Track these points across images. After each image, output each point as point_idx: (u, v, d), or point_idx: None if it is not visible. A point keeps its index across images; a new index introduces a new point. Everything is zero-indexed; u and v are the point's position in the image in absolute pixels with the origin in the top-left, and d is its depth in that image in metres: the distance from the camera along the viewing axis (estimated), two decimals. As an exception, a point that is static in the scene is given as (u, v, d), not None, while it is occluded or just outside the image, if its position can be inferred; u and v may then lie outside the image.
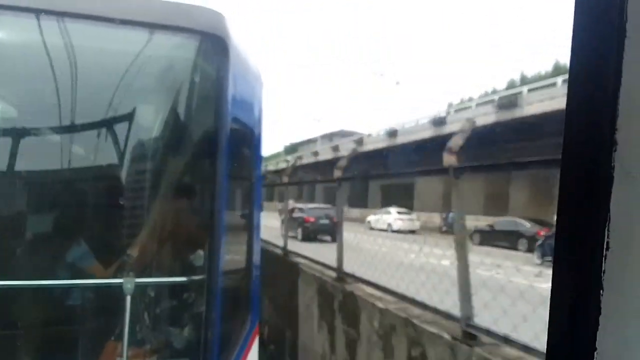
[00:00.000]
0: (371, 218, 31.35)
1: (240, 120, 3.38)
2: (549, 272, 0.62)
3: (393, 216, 29.96)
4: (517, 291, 4.37)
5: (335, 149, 44.65)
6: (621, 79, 0.56)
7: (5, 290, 2.97)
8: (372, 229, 28.79)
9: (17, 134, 3.18)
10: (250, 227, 3.98)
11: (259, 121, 3.99)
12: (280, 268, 9.94)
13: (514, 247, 20.70)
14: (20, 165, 3.54)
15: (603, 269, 0.57)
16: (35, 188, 3.48)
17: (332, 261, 7.28)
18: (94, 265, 3.22)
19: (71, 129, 3.29)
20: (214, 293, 3.00)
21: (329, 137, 63.35)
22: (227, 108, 3.03)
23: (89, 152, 3.48)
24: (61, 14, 2.80)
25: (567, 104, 0.61)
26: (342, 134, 59.41)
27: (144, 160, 3.39)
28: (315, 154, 48.88)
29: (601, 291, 0.57)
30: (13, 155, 3.44)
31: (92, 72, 3.00)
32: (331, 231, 20.46)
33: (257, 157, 4.01)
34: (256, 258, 4.16)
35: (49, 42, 2.95)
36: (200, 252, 3.17)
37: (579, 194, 0.60)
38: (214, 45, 2.95)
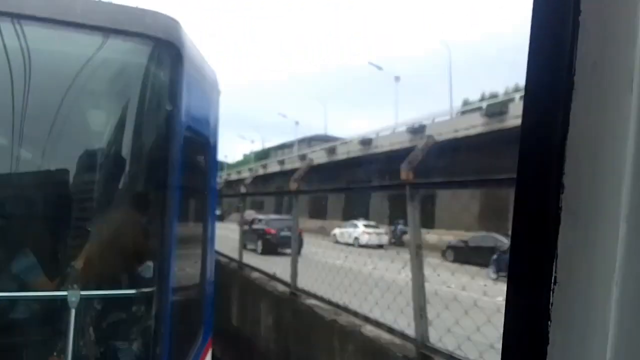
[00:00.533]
0: (337, 231, 29.75)
1: (195, 129, 3.33)
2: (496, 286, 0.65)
3: (360, 229, 28.23)
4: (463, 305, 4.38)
5: (331, 151, 42.58)
6: (568, 128, 0.62)
7: None
8: (337, 242, 26.83)
9: None
10: (203, 238, 3.91)
11: (214, 130, 3.95)
12: (235, 284, 9.73)
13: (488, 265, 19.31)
14: None
15: (551, 301, 0.63)
16: None
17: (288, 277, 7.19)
18: (41, 278, 3.08)
19: (19, 134, 3.17)
20: (164, 306, 2.92)
21: (308, 141, 59.30)
22: (181, 116, 2.99)
23: (37, 158, 3.35)
24: (13, 16, 2.70)
25: (520, 150, 0.68)
26: (323, 139, 54.65)
27: (93, 168, 3.28)
28: (303, 157, 45.78)
29: (549, 322, 0.63)
30: None
31: (43, 76, 2.90)
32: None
33: (211, 167, 3.96)
34: (210, 270, 4.08)
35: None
36: (150, 264, 3.09)
37: (530, 232, 0.66)
38: (167, 51, 2.92)
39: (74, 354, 2.68)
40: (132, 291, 3.06)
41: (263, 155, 71.60)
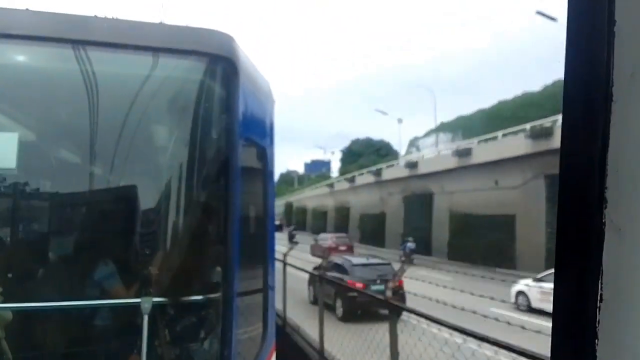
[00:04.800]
0: (526, 287, 15.73)
1: (252, 140, 3.46)
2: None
3: None
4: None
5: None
6: (609, 141, 0.61)
7: (29, 311, 3.08)
8: (531, 310, 14.46)
9: (39, 158, 3.29)
10: (264, 246, 4.03)
11: (270, 140, 4.06)
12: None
13: None
14: (45, 188, 3.69)
15: (597, 319, 0.61)
16: (58, 210, 3.61)
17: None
18: (118, 286, 3.30)
19: (89, 152, 3.41)
20: (229, 310, 3.04)
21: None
22: (238, 127, 3.11)
23: (106, 174, 3.59)
24: (75, 42, 2.92)
25: (561, 164, 0.66)
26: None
27: (159, 182, 3.48)
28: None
29: (596, 341, 0.61)
30: (36, 179, 3.57)
31: (105, 96, 3.11)
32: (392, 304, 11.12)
33: (269, 174, 4.07)
34: (271, 278, 4.19)
35: (63, 68, 3.07)
36: (216, 271, 3.22)
37: (574, 248, 0.64)
38: (223, 66, 3.05)
39: (149, 354, 2.84)
40: (200, 297, 3.20)
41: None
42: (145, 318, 2.85)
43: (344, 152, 76.25)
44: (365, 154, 68.98)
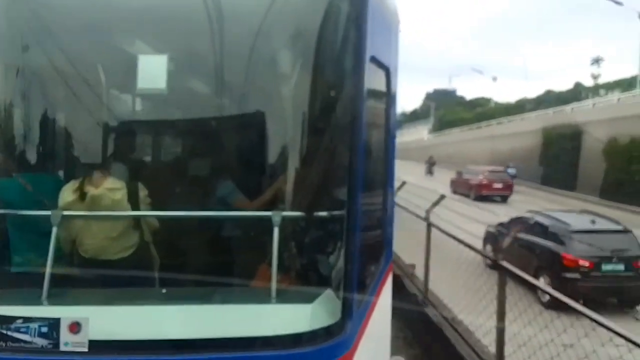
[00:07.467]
0: None
1: (377, 60, 3.40)
2: None
3: None
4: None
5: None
6: None
7: (168, 222, 3.45)
8: None
9: (170, 85, 3.51)
10: (385, 170, 4.05)
11: (395, 62, 3.97)
12: None
13: None
14: (176, 115, 4.01)
15: None
16: (193, 132, 3.92)
17: None
18: (239, 199, 3.59)
19: (215, 77, 3.60)
20: (354, 228, 3.13)
21: None
22: (365, 46, 3.07)
23: (233, 98, 3.80)
24: None
25: None
26: None
27: (285, 101, 3.60)
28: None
29: None
30: (169, 105, 3.88)
31: (228, 17, 3.19)
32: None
33: (392, 97, 4.02)
34: (390, 204, 4.23)
35: None
36: (341, 190, 3.31)
37: None
38: None
39: (279, 264, 3.05)
40: (325, 213, 3.34)
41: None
42: (276, 230, 3.05)
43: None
44: None
